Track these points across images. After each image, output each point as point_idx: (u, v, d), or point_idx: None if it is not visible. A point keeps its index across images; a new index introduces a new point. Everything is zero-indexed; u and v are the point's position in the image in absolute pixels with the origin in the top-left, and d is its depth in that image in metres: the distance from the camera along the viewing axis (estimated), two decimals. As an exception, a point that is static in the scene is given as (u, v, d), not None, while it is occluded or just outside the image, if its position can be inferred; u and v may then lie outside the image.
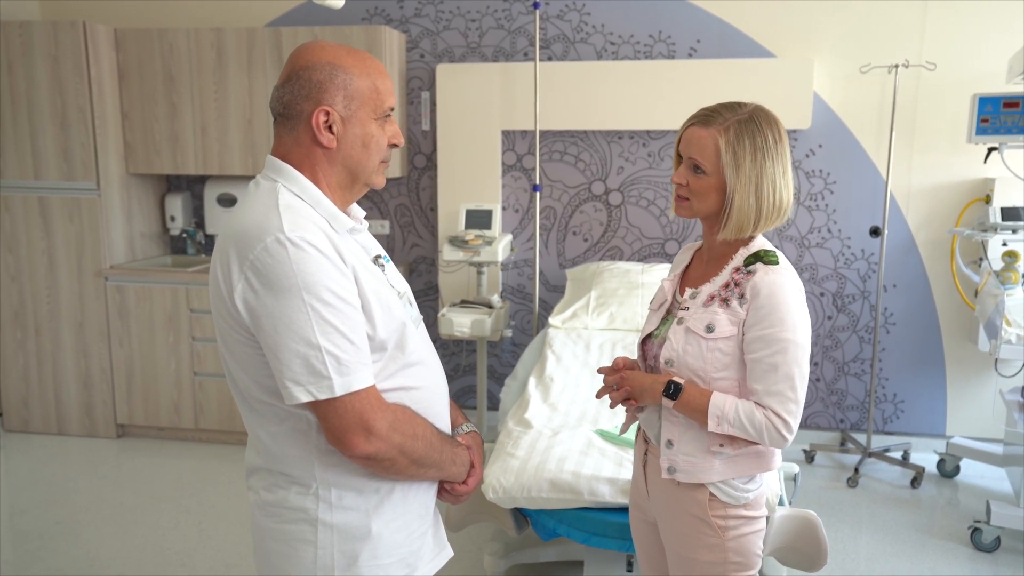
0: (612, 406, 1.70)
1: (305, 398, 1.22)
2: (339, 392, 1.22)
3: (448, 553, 1.51)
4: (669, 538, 1.70)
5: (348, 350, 1.23)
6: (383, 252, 1.44)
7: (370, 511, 1.34)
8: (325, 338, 1.21)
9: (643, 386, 1.62)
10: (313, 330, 1.20)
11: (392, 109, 1.37)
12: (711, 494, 1.60)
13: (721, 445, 1.58)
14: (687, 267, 1.75)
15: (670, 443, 1.62)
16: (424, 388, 1.40)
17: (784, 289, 1.52)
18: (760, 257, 1.57)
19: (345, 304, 1.23)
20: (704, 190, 1.58)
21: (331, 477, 1.32)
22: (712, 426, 1.53)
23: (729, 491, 1.60)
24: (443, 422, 1.45)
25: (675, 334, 1.61)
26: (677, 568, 1.69)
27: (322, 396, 1.22)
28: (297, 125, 1.31)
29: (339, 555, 1.33)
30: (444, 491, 1.48)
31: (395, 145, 1.39)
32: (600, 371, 1.74)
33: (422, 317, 1.48)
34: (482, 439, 1.57)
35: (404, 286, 1.45)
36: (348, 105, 1.31)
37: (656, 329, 1.70)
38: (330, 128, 1.31)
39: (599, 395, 1.73)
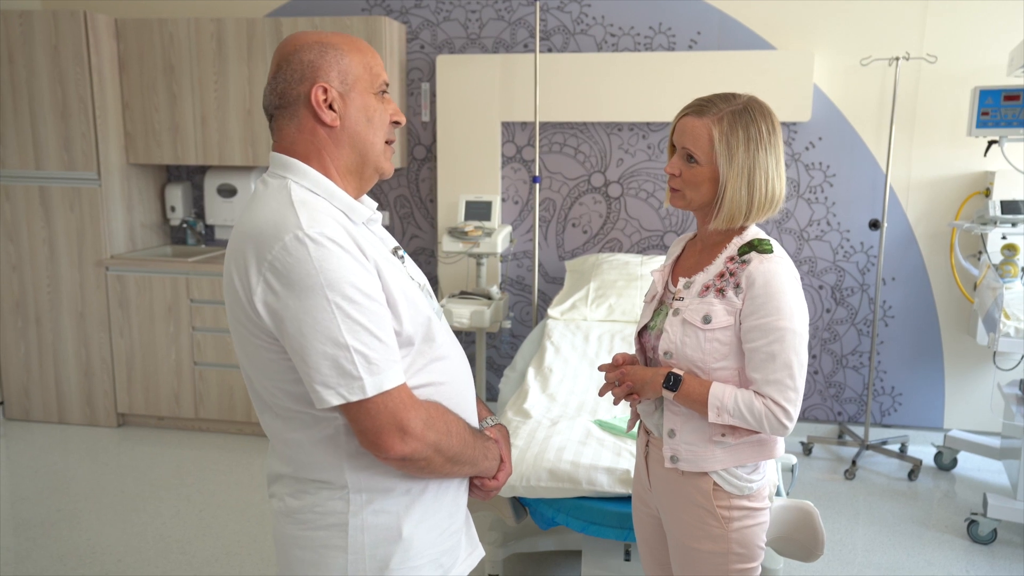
0: (616, 402, 1.70)
1: (336, 401, 1.17)
2: (371, 392, 1.17)
3: (480, 552, 1.45)
4: (672, 529, 1.69)
5: (377, 348, 1.18)
6: (398, 244, 1.39)
7: (401, 513, 1.29)
8: (353, 337, 1.15)
9: (644, 380, 1.63)
10: (340, 329, 1.15)
11: (387, 85, 1.33)
12: (714, 483, 1.60)
13: (723, 434, 1.58)
14: (679, 257, 1.74)
15: (672, 432, 1.62)
16: (452, 383, 1.35)
17: (779, 277, 1.52)
18: (754, 246, 1.56)
19: (370, 300, 1.18)
20: (697, 180, 1.58)
21: (362, 481, 1.27)
22: (712, 417, 1.54)
23: (733, 480, 1.60)
24: (471, 417, 1.40)
25: (672, 326, 1.61)
26: (679, 559, 1.68)
27: (354, 398, 1.17)
28: (297, 111, 1.27)
29: (370, 560, 1.28)
30: (474, 487, 1.44)
31: (397, 123, 1.34)
32: (601, 368, 1.74)
33: (442, 310, 1.44)
34: (507, 431, 1.51)
35: (423, 278, 1.40)
36: (344, 80, 1.27)
37: (651, 321, 1.70)
38: (331, 106, 1.26)
39: (602, 392, 1.72)
